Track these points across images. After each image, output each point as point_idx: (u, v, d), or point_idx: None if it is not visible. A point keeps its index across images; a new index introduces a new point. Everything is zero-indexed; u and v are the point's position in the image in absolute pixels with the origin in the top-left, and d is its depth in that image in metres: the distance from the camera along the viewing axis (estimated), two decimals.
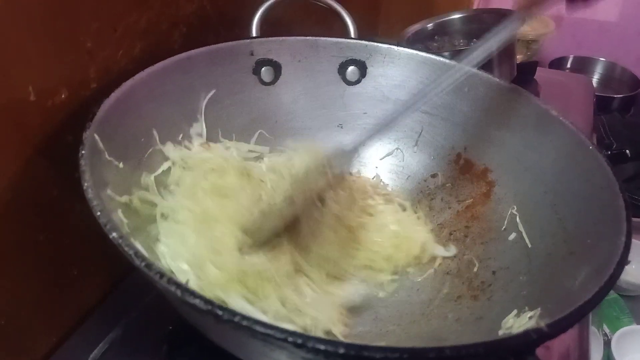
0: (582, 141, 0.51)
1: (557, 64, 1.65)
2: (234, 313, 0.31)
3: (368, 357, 0.31)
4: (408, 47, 0.64)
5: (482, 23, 0.93)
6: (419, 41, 0.91)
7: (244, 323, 0.31)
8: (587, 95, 1.00)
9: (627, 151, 1.29)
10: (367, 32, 1.10)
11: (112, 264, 0.53)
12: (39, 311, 0.50)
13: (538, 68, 1.01)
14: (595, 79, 1.63)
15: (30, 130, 0.45)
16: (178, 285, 0.33)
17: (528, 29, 1.28)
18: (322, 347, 0.30)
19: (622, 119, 1.41)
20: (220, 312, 0.31)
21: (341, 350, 0.30)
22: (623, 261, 0.39)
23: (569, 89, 1.01)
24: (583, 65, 1.65)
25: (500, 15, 0.90)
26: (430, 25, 0.94)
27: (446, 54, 0.81)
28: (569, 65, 1.67)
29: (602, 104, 1.41)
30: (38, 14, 0.43)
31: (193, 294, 0.32)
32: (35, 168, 0.46)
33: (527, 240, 0.52)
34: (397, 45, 0.64)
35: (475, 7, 1.26)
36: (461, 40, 0.93)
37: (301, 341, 0.30)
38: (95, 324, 0.55)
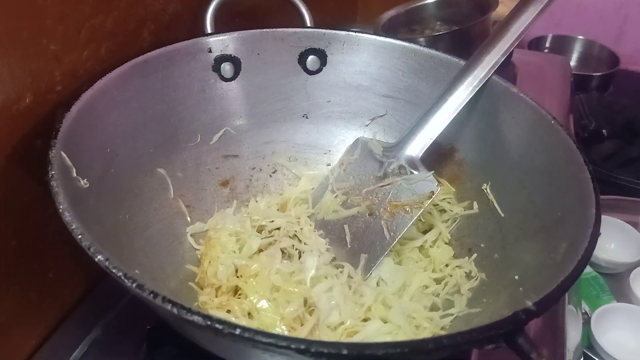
0: (542, 116, 0.53)
1: (536, 43, 1.64)
2: (234, 326, 0.31)
3: (370, 355, 0.31)
4: (366, 33, 0.64)
5: (457, 7, 0.93)
6: (394, 28, 0.91)
7: (246, 335, 0.31)
8: (564, 76, 1.02)
9: (604, 131, 1.30)
10: (345, 19, 1.10)
11: (87, 266, 0.53)
12: (17, 315, 0.50)
13: (516, 49, 1.01)
14: (574, 58, 1.64)
15: None
16: (174, 303, 0.32)
17: (504, 10, 1.29)
18: (325, 350, 0.31)
19: (601, 98, 1.42)
20: (220, 327, 0.31)
21: (344, 352, 0.31)
22: (596, 232, 0.40)
23: (546, 70, 1.02)
24: (562, 44, 1.65)
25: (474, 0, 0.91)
26: (405, 11, 0.93)
27: (421, 39, 0.82)
28: (547, 45, 1.67)
29: (580, 83, 1.41)
30: None
31: (190, 310, 0.32)
32: (4, 174, 0.45)
33: (500, 214, 0.54)
34: (355, 31, 0.64)
35: None
36: (437, 25, 0.93)
37: (304, 347, 0.31)
38: (74, 325, 0.55)
